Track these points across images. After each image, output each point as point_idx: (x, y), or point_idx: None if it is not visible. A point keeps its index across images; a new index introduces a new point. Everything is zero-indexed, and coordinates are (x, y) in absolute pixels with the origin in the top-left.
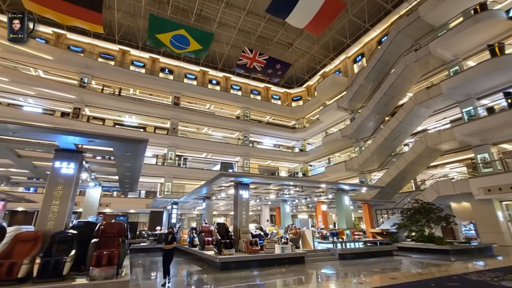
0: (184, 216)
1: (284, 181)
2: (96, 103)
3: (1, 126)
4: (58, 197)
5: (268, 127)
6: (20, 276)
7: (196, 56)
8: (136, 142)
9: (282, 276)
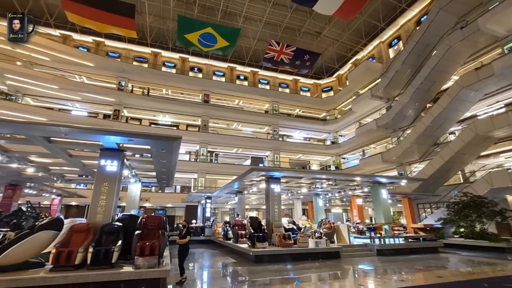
0: (218, 210)
1: (316, 174)
2: (133, 104)
3: (55, 129)
4: (105, 192)
5: (297, 120)
6: (77, 262)
7: (224, 53)
8: (170, 139)
9: (317, 270)
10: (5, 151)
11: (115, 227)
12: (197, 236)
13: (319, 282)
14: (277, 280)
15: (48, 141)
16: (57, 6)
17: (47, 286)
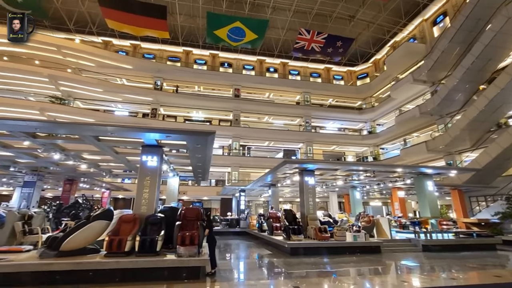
0: (252, 203)
1: (352, 166)
2: (169, 103)
3: (102, 128)
4: (147, 186)
5: (331, 110)
6: (127, 249)
7: (253, 46)
8: (205, 134)
9: (356, 264)
10: (62, 150)
11: (158, 218)
12: (233, 228)
13: (359, 277)
14: (314, 273)
15: (97, 140)
16: (98, 15)
17: (103, 270)
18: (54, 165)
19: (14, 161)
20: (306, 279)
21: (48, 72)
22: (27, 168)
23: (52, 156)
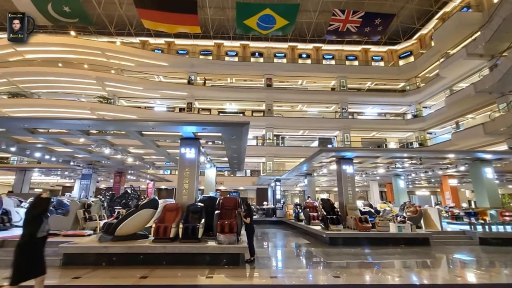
0: (287, 193)
1: (395, 153)
2: (203, 96)
3: (145, 124)
4: (187, 177)
5: (369, 94)
6: (171, 236)
7: (283, 32)
8: (239, 125)
9: (401, 256)
10: (112, 145)
11: (198, 206)
12: (269, 217)
13: (404, 269)
14: (354, 264)
15: (141, 135)
16: (135, 16)
17: (151, 253)
18: (105, 159)
19: (73, 156)
20: (347, 270)
21: (96, 75)
22: (84, 162)
23: (103, 151)
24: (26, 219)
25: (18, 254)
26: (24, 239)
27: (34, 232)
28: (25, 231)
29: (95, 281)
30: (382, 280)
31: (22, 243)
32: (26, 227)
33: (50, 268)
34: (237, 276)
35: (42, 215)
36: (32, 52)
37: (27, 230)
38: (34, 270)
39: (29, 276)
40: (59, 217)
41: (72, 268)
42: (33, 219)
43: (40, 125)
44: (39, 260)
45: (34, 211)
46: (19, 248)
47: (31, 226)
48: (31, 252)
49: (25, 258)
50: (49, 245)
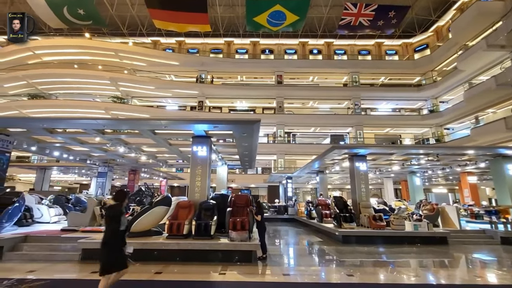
0: (299, 190)
1: (410, 149)
2: (213, 94)
3: (157, 122)
4: (199, 175)
5: (383, 89)
6: (185, 233)
7: (294, 28)
8: (250, 123)
9: (417, 256)
10: (126, 144)
11: (210, 204)
12: (281, 215)
13: (421, 269)
14: (368, 262)
15: (154, 133)
16: (146, 17)
17: (165, 249)
18: (120, 157)
19: (89, 155)
20: (360, 268)
21: (110, 75)
22: (100, 160)
23: (118, 150)
24: (108, 217)
25: (103, 249)
26: (108, 235)
27: (116, 228)
28: (108, 228)
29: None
30: (397, 280)
31: (107, 240)
32: (109, 225)
33: (70, 262)
34: (250, 273)
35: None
36: (49, 54)
37: (110, 227)
38: (117, 264)
39: (113, 269)
40: (77, 214)
41: (90, 263)
42: (114, 217)
43: (58, 125)
44: (122, 254)
45: (115, 210)
46: (104, 244)
47: (113, 223)
48: (114, 247)
49: (109, 253)
50: (69, 240)
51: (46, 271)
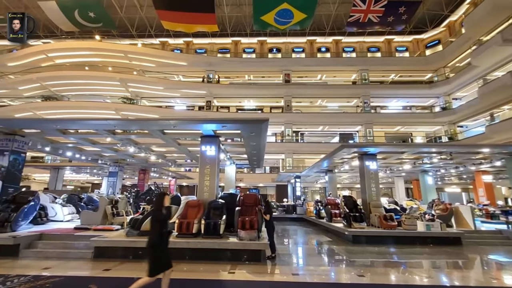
0: (307, 189)
1: (422, 148)
2: (221, 94)
3: (166, 122)
4: (208, 174)
5: (393, 87)
6: (194, 231)
7: (302, 27)
8: (258, 122)
9: (430, 256)
10: (136, 144)
11: (219, 203)
12: (289, 214)
13: (434, 270)
14: (379, 263)
15: (163, 133)
16: (155, 18)
17: (175, 248)
18: (130, 157)
19: (100, 155)
20: (371, 268)
21: (119, 76)
22: (111, 160)
23: (128, 150)
24: (155, 220)
25: (151, 251)
26: (155, 237)
27: (163, 230)
28: (154, 231)
29: (123, 273)
30: (409, 280)
31: (155, 242)
32: (155, 227)
33: (83, 260)
34: (259, 272)
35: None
36: (61, 57)
37: (157, 230)
38: (165, 264)
39: (162, 269)
40: (89, 213)
41: (102, 261)
42: (160, 220)
43: (71, 126)
44: (167, 254)
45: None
46: (151, 246)
47: (160, 226)
48: (161, 248)
49: (157, 254)
50: (82, 238)
51: (60, 268)
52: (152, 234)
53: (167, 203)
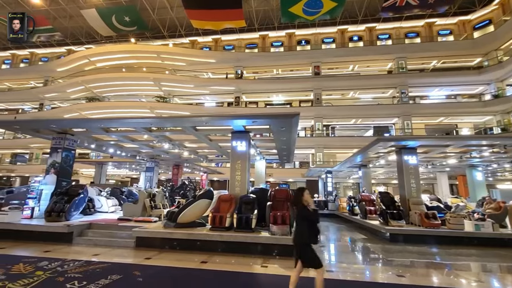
0: (339, 185)
1: (471, 140)
2: (249, 89)
3: (198, 119)
4: (239, 169)
5: (435, 75)
6: (227, 225)
7: (332, 16)
8: (289, 116)
9: (479, 258)
10: (170, 140)
11: (250, 198)
12: (320, 210)
13: (484, 273)
14: (420, 263)
15: (195, 130)
16: (184, 18)
17: (209, 240)
18: (165, 153)
19: (138, 151)
20: (411, 269)
21: (153, 76)
22: (147, 156)
23: (163, 146)
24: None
25: (307, 249)
26: (315, 235)
27: (314, 227)
28: (315, 229)
29: (163, 262)
30: (454, 283)
31: (312, 241)
32: (314, 225)
33: (126, 248)
34: (292, 267)
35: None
36: (101, 60)
37: (316, 228)
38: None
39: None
40: (130, 205)
41: (143, 250)
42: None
43: (113, 124)
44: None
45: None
46: (306, 245)
47: (317, 223)
48: (311, 246)
49: (311, 249)
50: (124, 229)
51: (107, 255)
52: (301, 233)
53: (307, 198)
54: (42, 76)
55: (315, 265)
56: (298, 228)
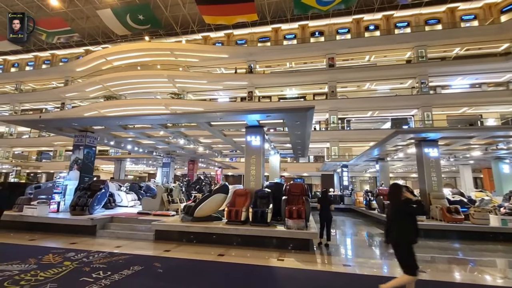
0: (355, 179)
1: (497, 131)
2: (262, 84)
3: (213, 115)
4: (254, 164)
5: (458, 63)
6: (242, 219)
7: (347, 5)
8: (304, 110)
9: (506, 255)
10: (185, 136)
11: (265, 192)
12: (337, 204)
13: (510, 270)
14: (442, 259)
15: (210, 125)
16: (196, 14)
17: (225, 234)
18: (180, 149)
19: (155, 147)
20: (432, 264)
21: (167, 73)
22: (164, 152)
23: (178, 142)
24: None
25: (407, 248)
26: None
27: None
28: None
29: (182, 254)
30: (478, 280)
31: (411, 239)
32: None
33: (146, 241)
34: (308, 261)
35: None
36: (118, 59)
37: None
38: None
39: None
40: (149, 199)
41: (162, 242)
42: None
43: (130, 122)
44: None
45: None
46: (409, 242)
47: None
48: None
49: (413, 251)
50: (144, 222)
51: (128, 247)
52: (405, 229)
53: (407, 195)
54: (63, 76)
55: (408, 270)
56: (396, 226)
